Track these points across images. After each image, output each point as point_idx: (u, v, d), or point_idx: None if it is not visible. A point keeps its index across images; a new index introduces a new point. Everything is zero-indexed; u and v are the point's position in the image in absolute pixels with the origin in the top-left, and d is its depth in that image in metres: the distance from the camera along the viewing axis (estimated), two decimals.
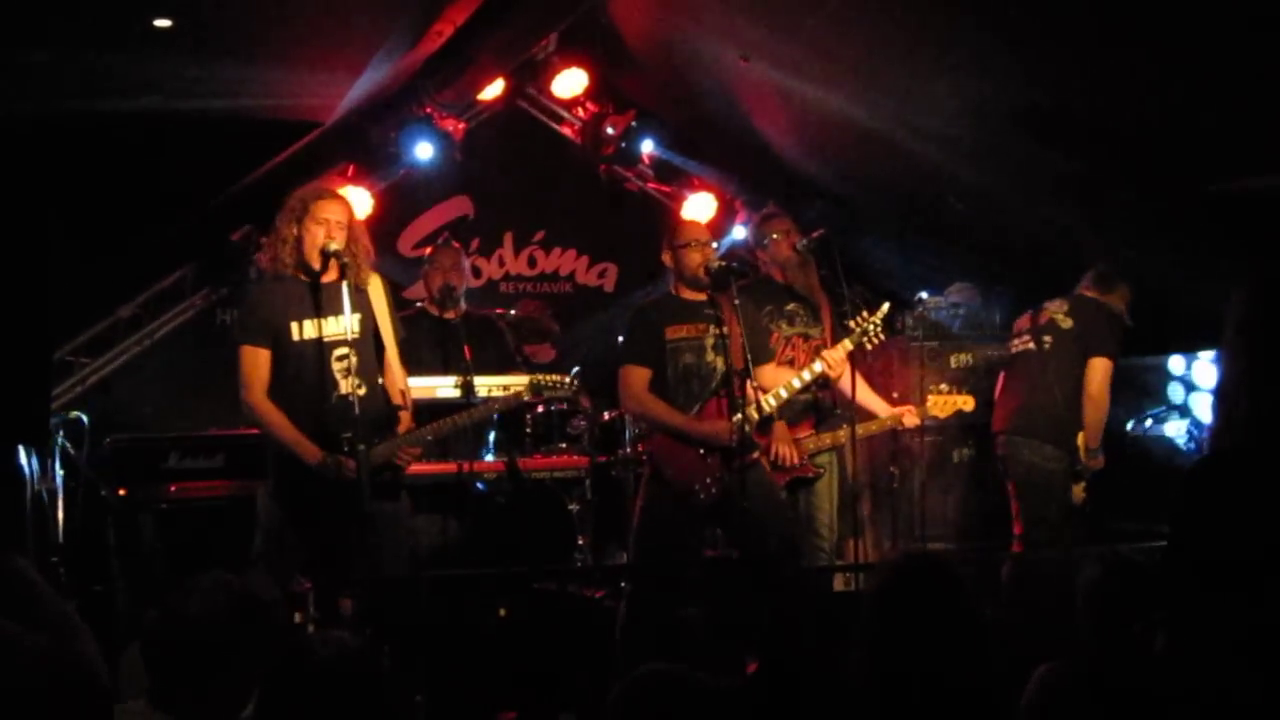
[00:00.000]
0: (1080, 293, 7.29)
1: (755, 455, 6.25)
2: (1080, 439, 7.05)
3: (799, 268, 7.12)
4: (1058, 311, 7.23)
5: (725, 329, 6.28)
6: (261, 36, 6.84)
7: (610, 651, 6.26)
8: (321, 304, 5.58)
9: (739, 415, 6.09)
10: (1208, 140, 6.12)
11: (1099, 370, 7.03)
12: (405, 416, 5.75)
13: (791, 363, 6.92)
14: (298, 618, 5.63)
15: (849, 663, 3.17)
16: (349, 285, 5.54)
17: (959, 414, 7.34)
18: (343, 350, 5.53)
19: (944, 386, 7.32)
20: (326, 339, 5.57)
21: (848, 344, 6.55)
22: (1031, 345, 7.36)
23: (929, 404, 7.12)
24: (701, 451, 6.19)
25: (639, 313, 6.55)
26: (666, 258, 6.48)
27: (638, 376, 6.35)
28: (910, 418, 7.06)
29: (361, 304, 5.64)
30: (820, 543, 7.12)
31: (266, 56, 7.12)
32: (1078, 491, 7.13)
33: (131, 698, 3.23)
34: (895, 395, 7.47)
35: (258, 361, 5.56)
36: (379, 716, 2.92)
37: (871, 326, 6.59)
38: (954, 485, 8.21)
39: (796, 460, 6.73)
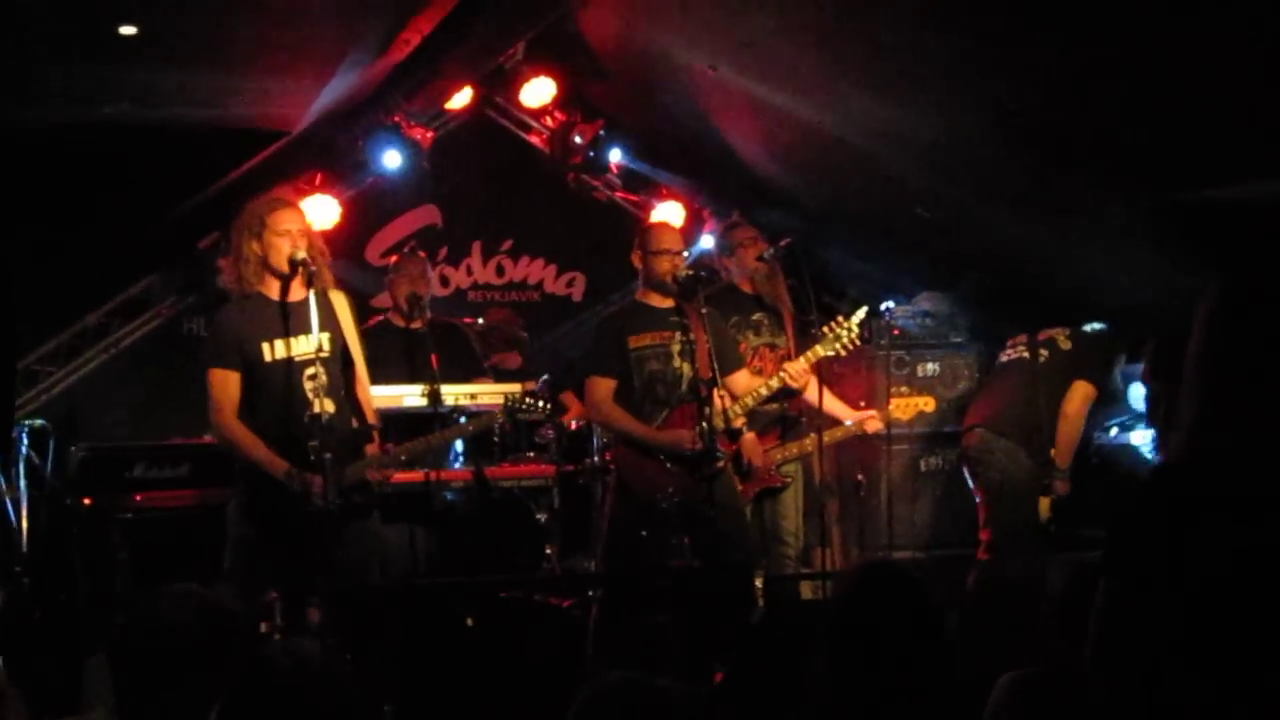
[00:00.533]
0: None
1: (720, 464, 6.26)
2: (1052, 455, 7.07)
3: (766, 277, 7.16)
4: (1060, 333, 7.27)
5: (692, 335, 6.29)
6: (228, 44, 6.83)
7: (579, 660, 6.26)
8: (290, 322, 5.55)
9: (704, 423, 6.10)
10: (1177, 148, 6.15)
11: (1079, 392, 7.06)
12: (376, 436, 5.73)
13: (759, 373, 6.94)
14: (264, 627, 5.60)
15: (814, 671, 3.18)
16: (316, 298, 5.50)
17: (926, 422, 7.37)
18: (313, 369, 5.49)
19: (904, 389, 7.37)
20: (296, 358, 5.55)
21: (819, 350, 6.59)
22: (1025, 355, 7.38)
23: (892, 407, 7.16)
24: (665, 461, 6.20)
25: (603, 323, 6.58)
26: (636, 258, 6.50)
27: (602, 387, 6.38)
28: (874, 423, 7.10)
29: (329, 320, 5.61)
30: (786, 550, 7.16)
31: (233, 64, 7.10)
32: (1044, 506, 7.13)
33: (93, 708, 3.21)
34: (862, 404, 7.48)
35: (227, 384, 5.53)
36: None
37: (845, 332, 6.63)
38: (921, 494, 8.23)
39: (765, 466, 6.78)
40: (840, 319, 6.68)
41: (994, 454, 7.20)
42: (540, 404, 6.59)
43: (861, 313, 6.80)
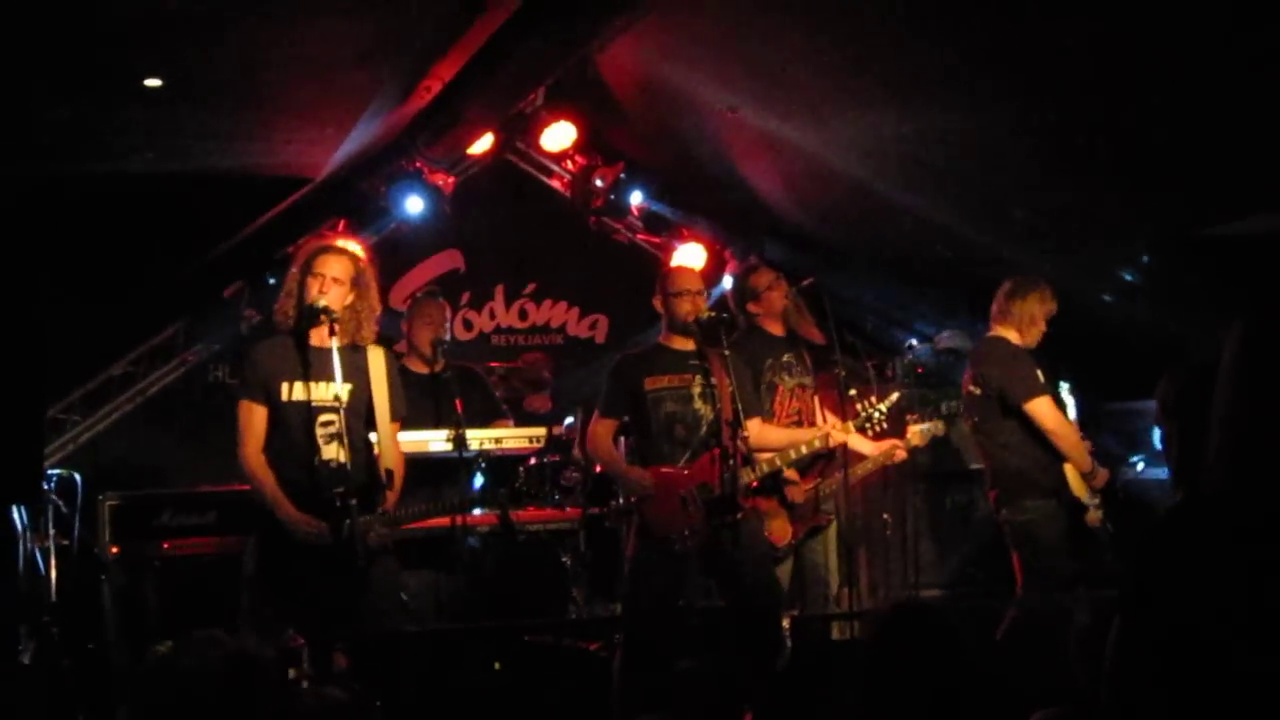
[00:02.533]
0: (985, 336, 7.15)
1: (740, 514, 6.24)
2: (1069, 472, 6.92)
3: (795, 315, 7.18)
4: (968, 382, 7.10)
5: (713, 379, 6.29)
6: (251, 94, 6.88)
7: (607, 704, 6.24)
8: (311, 367, 5.56)
9: (727, 467, 6.09)
10: (1197, 182, 6.16)
11: (1039, 411, 6.79)
12: (391, 496, 5.67)
13: (799, 414, 6.95)
14: (292, 674, 5.60)
15: (845, 712, 3.17)
16: (339, 349, 5.50)
17: (949, 460, 7.32)
18: (328, 416, 5.50)
19: (915, 415, 7.35)
20: (314, 403, 5.55)
21: (851, 427, 6.64)
22: (971, 424, 7.25)
23: (909, 435, 7.14)
24: (684, 502, 6.19)
25: (618, 365, 6.56)
26: (658, 303, 6.50)
27: (601, 426, 6.41)
28: (899, 452, 7.09)
29: (355, 373, 5.60)
30: (825, 591, 7.14)
31: (257, 114, 7.16)
32: (1093, 516, 6.94)
33: None
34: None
35: (253, 417, 5.55)
36: None
37: (876, 413, 6.72)
38: (947, 531, 8.21)
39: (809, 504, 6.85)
40: (872, 399, 6.78)
41: (1007, 516, 7.02)
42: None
43: (894, 398, 6.94)
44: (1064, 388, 7.34)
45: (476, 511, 7.29)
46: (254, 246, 8.50)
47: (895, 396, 6.87)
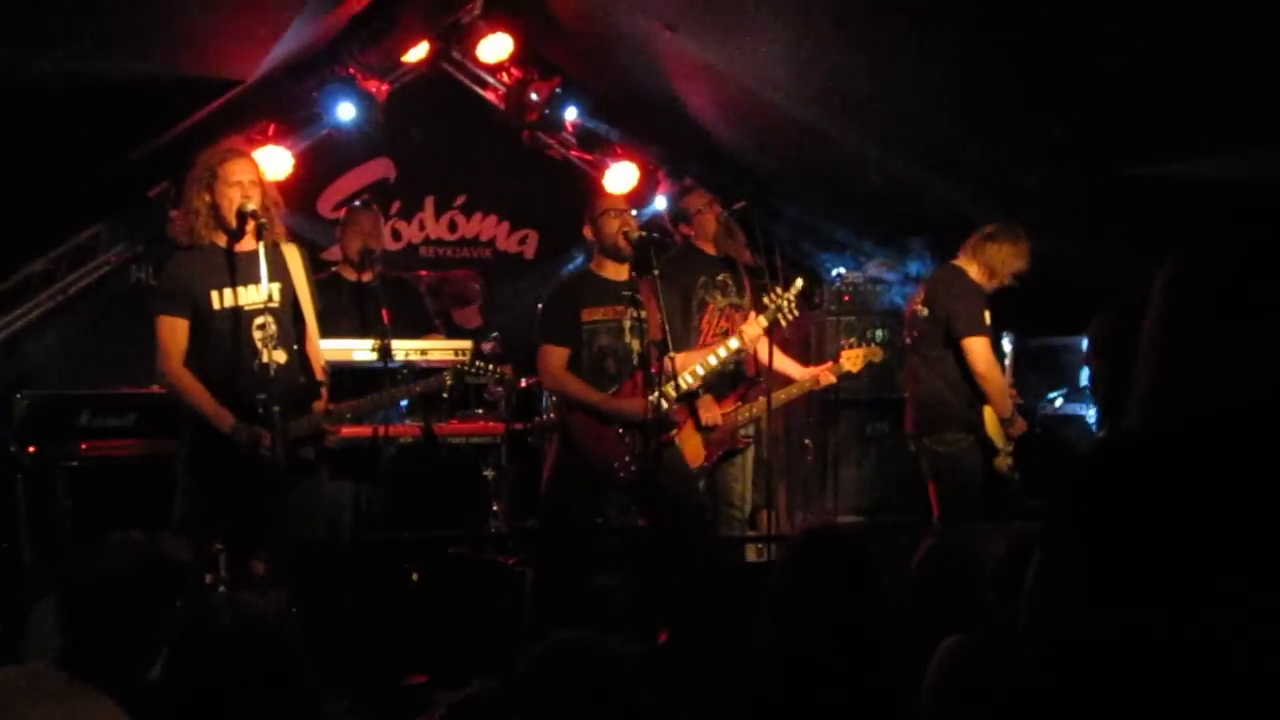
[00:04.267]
0: (950, 263, 7.19)
1: (673, 434, 6.30)
2: (987, 414, 7.01)
3: (727, 238, 7.18)
4: (918, 300, 7.16)
5: (643, 312, 6.29)
6: None
7: (522, 618, 6.29)
8: (239, 272, 5.52)
9: (656, 393, 6.11)
10: (1126, 123, 6.20)
11: (973, 350, 6.86)
12: (324, 392, 5.73)
13: (726, 333, 6.96)
14: (209, 579, 5.60)
15: (757, 633, 3.21)
16: (266, 250, 5.47)
17: (873, 386, 7.36)
18: (262, 319, 5.48)
19: (852, 340, 7.40)
20: (245, 307, 5.52)
21: (763, 320, 6.61)
22: (909, 340, 7.31)
23: (842, 359, 7.18)
24: (620, 430, 6.22)
25: (555, 292, 6.56)
26: (588, 231, 6.48)
27: (556, 356, 6.36)
28: (826, 376, 7.13)
29: (280, 272, 5.58)
30: (734, 514, 7.20)
31: (189, 13, 7.02)
32: (1002, 462, 7.05)
33: (38, 656, 3.21)
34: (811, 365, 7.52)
35: (176, 331, 5.50)
36: (285, 678, 2.93)
37: (785, 303, 6.65)
38: (867, 459, 8.29)
39: (727, 428, 6.86)
40: (778, 290, 6.68)
41: (927, 448, 7.10)
42: (491, 368, 6.57)
43: (799, 283, 6.80)
44: (1006, 338, 7.43)
45: (402, 423, 7.31)
46: (181, 147, 8.36)
47: (800, 283, 6.82)
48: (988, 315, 6.90)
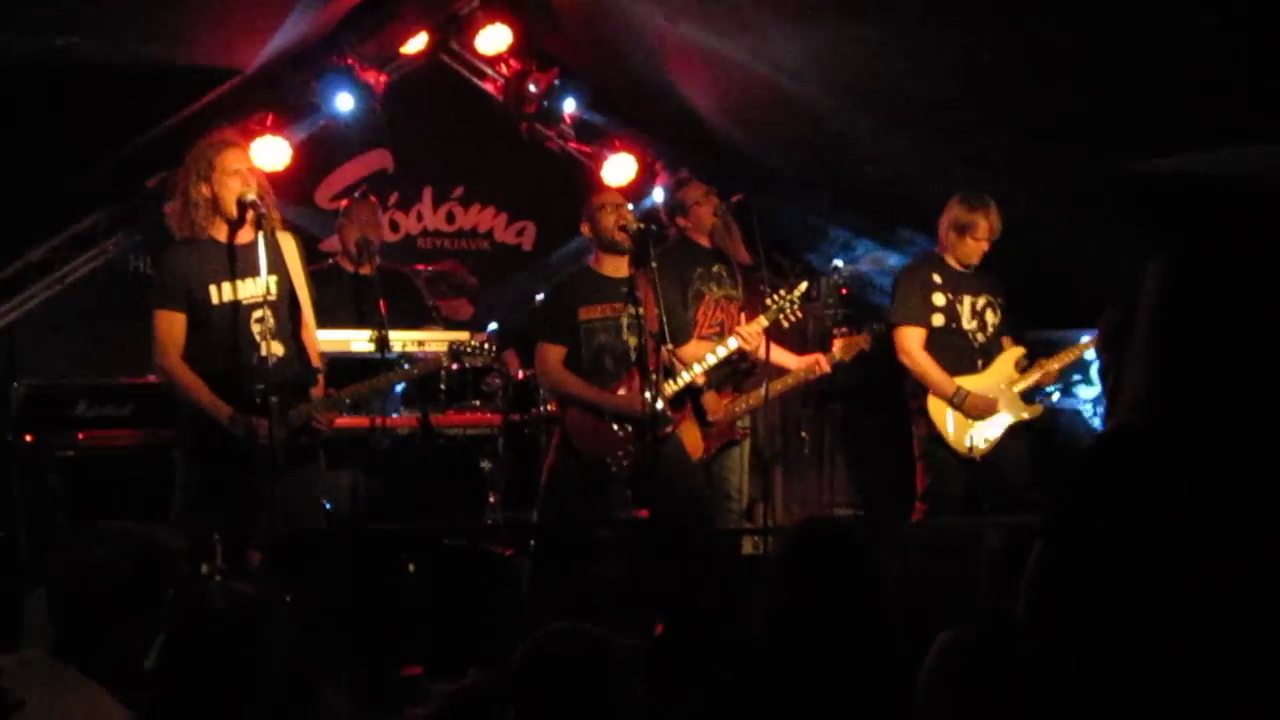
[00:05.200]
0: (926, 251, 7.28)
1: (669, 430, 6.31)
2: (931, 401, 6.99)
3: (724, 231, 7.20)
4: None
5: (641, 309, 6.30)
6: None
7: (519, 609, 6.29)
8: (238, 264, 5.52)
9: (649, 391, 6.12)
10: (1126, 117, 6.19)
11: (897, 339, 6.97)
12: (321, 380, 5.74)
13: (721, 325, 7.00)
14: (204, 569, 5.60)
15: (753, 626, 3.21)
16: (265, 240, 5.47)
17: (870, 376, 7.37)
18: (260, 312, 5.50)
19: (844, 329, 7.41)
20: (244, 300, 5.53)
21: (764, 320, 6.62)
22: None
23: (835, 349, 7.18)
24: (615, 425, 6.24)
25: (554, 290, 6.60)
26: (585, 229, 6.52)
27: (553, 354, 6.41)
28: (822, 365, 7.13)
29: (278, 264, 5.59)
30: (730, 505, 7.21)
31: (189, 2, 7.01)
32: (975, 448, 7.01)
33: (33, 647, 3.21)
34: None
35: (173, 325, 5.51)
36: (280, 668, 2.94)
37: (788, 304, 6.68)
38: (864, 452, 8.30)
39: (727, 420, 6.87)
40: (783, 291, 6.73)
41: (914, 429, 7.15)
42: (485, 347, 6.58)
43: (803, 285, 6.85)
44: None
45: (399, 413, 7.32)
46: (179, 137, 8.34)
47: (804, 285, 6.85)
48: (934, 298, 6.92)
